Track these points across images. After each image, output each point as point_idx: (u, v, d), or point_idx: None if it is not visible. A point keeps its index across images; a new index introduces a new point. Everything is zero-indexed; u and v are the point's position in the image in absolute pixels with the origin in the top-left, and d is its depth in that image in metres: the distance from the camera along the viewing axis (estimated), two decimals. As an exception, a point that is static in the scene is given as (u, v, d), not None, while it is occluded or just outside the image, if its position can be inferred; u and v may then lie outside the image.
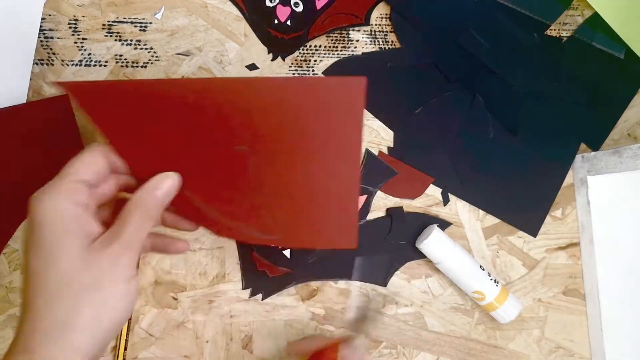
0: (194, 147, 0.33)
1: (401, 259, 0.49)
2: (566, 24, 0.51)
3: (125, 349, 0.46)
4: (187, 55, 0.48)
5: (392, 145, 0.49)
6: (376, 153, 0.49)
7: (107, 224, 0.31)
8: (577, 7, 0.51)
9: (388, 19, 0.50)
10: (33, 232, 0.29)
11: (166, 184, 0.33)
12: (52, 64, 0.47)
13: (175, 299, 0.47)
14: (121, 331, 0.46)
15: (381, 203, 0.49)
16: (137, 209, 0.31)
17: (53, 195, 0.29)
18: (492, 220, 0.50)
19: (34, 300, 0.28)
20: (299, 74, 0.49)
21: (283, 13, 0.49)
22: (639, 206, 0.48)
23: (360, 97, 0.30)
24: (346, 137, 0.32)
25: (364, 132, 0.49)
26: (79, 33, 0.47)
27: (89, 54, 0.47)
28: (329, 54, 0.49)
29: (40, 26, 0.46)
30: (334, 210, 0.34)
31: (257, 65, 0.49)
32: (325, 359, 0.37)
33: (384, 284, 0.48)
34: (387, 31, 0.50)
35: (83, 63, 0.47)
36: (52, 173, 0.45)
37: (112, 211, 0.35)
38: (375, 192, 0.49)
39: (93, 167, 0.32)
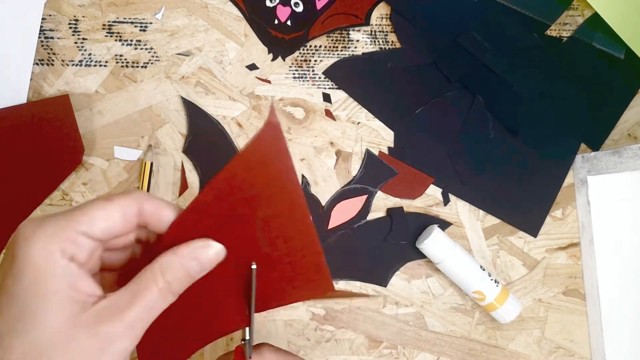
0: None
1: (401, 259, 0.49)
2: (566, 24, 0.51)
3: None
4: (187, 56, 0.48)
5: (392, 145, 0.49)
6: (376, 153, 0.49)
7: (111, 287, 0.25)
8: (577, 7, 0.51)
9: (388, 19, 0.50)
10: (7, 280, 0.22)
11: (207, 255, 0.25)
12: (52, 64, 0.47)
13: (175, 299, 0.47)
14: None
15: (381, 203, 0.49)
16: (160, 279, 0.23)
17: (45, 244, 0.22)
18: (492, 220, 0.50)
19: None
20: (299, 74, 0.49)
21: (283, 13, 0.49)
22: (639, 206, 0.48)
23: (280, 142, 0.25)
24: (285, 189, 0.27)
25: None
26: (79, 33, 0.47)
27: (89, 54, 0.47)
28: (329, 54, 0.49)
29: (41, 26, 0.46)
30: (302, 267, 0.29)
31: (257, 65, 0.49)
32: None
33: (384, 284, 0.48)
34: (387, 31, 0.50)
35: (83, 63, 0.47)
36: (53, 173, 0.45)
37: (121, 269, 0.27)
38: (376, 192, 0.49)
39: (114, 225, 0.24)
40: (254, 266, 0.27)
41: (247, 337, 0.30)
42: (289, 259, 0.29)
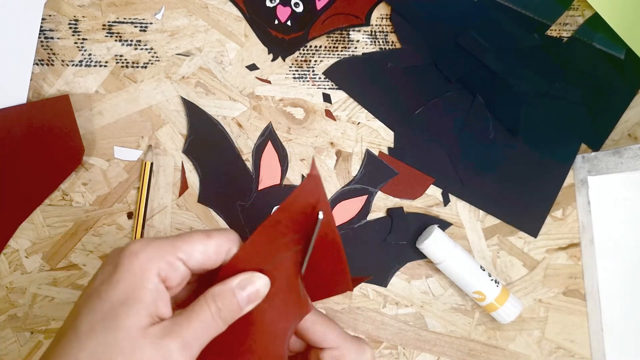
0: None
1: (401, 259, 0.49)
2: (566, 24, 0.51)
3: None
4: (187, 56, 0.48)
5: (392, 145, 0.49)
6: (376, 153, 0.49)
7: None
8: (577, 8, 0.51)
9: (388, 20, 0.50)
10: (104, 285, 0.25)
11: (255, 286, 0.27)
12: (52, 64, 0.47)
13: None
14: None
15: (381, 203, 0.49)
16: (212, 304, 0.26)
17: (148, 261, 0.25)
18: (492, 220, 0.50)
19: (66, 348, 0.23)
20: (299, 74, 0.49)
21: (283, 13, 0.49)
22: (639, 206, 0.48)
23: (320, 191, 0.27)
24: (327, 237, 0.30)
25: (363, 139, 0.49)
26: (79, 33, 0.47)
27: (89, 54, 0.47)
28: (329, 54, 0.49)
29: (41, 26, 0.46)
30: (327, 281, 0.33)
31: (258, 65, 0.49)
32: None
33: (384, 284, 0.48)
34: (387, 31, 0.50)
35: (83, 63, 0.47)
36: (53, 173, 0.45)
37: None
38: (376, 193, 0.49)
39: (207, 256, 0.27)
40: (320, 216, 0.28)
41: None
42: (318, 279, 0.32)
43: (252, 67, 0.49)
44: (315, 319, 0.31)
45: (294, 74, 0.49)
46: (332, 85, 0.49)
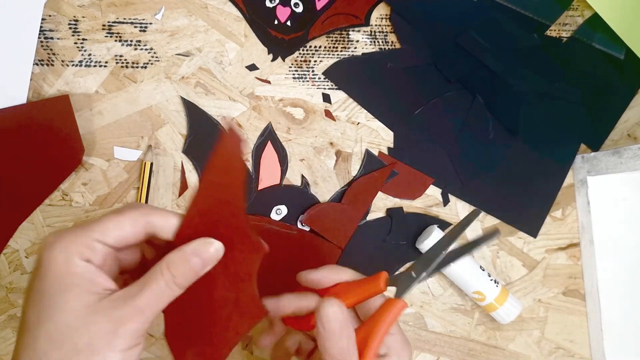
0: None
1: (401, 260, 0.49)
2: (566, 24, 0.51)
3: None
4: (187, 56, 0.48)
5: (392, 145, 0.49)
6: (376, 153, 0.49)
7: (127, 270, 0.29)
8: (577, 8, 0.51)
9: (388, 20, 0.50)
10: (35, 281, 0.26)
11: (208, 252, 0.28)
12: (52, 65, 0.47)
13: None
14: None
15: (381, 203, 0.49)
16: (166, 272, 0.27)
17: (65, 249, 0.26)
18: (492, 220, 0.50)
19: (22, 356, 0.25)
20: (299, 74, 0.49)
21: (283, 13, 0.49)
22: (639, 206, 0.48)
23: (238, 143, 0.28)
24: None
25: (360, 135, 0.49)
26: (79, 33, 0.47)
27: (89, 54, 0.47)
28: (329, 54, 0.49)
29: (41, 27, 0.47)
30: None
31: (257, 65, 0.49)
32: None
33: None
34: (387, 32, 0.50)
35: (83, 63, 0.47)
36: (53, 173, 0.45)
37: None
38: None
39: (125, 234, 0.28)
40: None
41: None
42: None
43: (252, 67, 0.49)
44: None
45: (293, 74, 0.49)
46: (332, 85, 0.49)
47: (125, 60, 0.48)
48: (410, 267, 0.34)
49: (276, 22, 0.49)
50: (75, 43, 0.47)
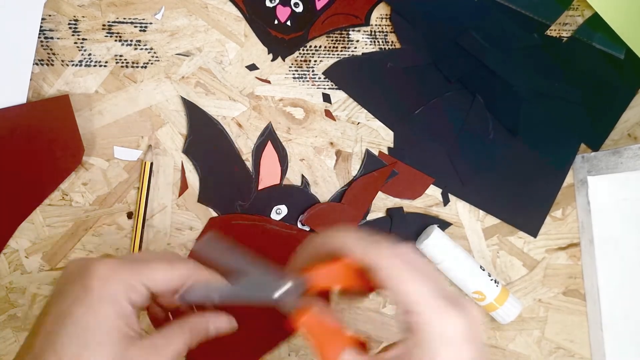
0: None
1: (401, 259, 0.49)
2: (566, 24, 0.51)
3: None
4: (187, 56, 0.48)
5: (392, 145, 0.49)
6: (376, 153, 0.49)
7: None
8: (577, 7, 0.51)
9: (388, 20, 0.50)
10: (81, 309, 0.27)
11: (223, 323, 0.32)
12: (52, 64, 0.47)
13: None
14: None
15: (381, 203, 0.49)
16: (185, 327, 0.30)
17: (116, 284, 0.27)
18: (492, 220, 0.50)
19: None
20: (299, 74, 0.49)
21: (283, 13, 0.49)
22: (639, 206, 0.48)
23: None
24: None
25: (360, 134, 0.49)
26: (79, 33, 0.47)
27: (89, 54, 0.47)
28: (329, 54, 0.49)
29: (40, 26, 0.46)
30: None
31: (257, 65, 0.49)
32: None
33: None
34: (387, 31, 0.50)
35: (83, 63, 0.47)
36: (53, 173, 0.45)
37: None
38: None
39: (170, 283, 0.30)
40: None
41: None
42: None
43: (252, 67, 0.49)
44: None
45: (293, 74, 0.49)
46: (332, 85, 0.49)
47: (125, 60, 0.48)
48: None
49: (276, 22, 0.49)
50: (75, 43, 0.47)
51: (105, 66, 0.47)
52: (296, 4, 0.49)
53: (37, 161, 0.45)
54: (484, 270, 0.46)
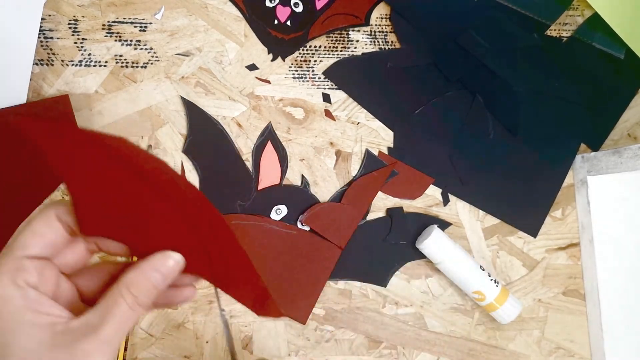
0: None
1: (401, 259, 0.49)
2: (566, 24, 0.51)
3: (126, 349, 0.46)
4: (187, 56, 0.48)
5: (392, 145, 0.49)
6: (376, 153, 0.49)
7: (88, 298, 0.26)
8: (577, 7, 0.51)
9: (388, 19, 0.50)
10: None
11: (168, 265, 0.25)
12: (52, 64, 0.47)
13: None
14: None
15: (381, 203, 0.49)
16: (127, 294, 0.24)
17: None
18: (492, 220, 0.50)
19: None
20: (299, 74, 0.49)
21: (283, 13, 0.49)
22: (639, 206, 0.48)
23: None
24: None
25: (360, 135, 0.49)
26: (79, 33, 0.47)
27: (89, 54, 0.47)
28: (329, 54, 0.49)
29: (40, 26, 0.46)
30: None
31: (257, 65, 0.49)
32: None
33: (384, 284, 0.48)
34: (387, 31, 0.50)
35: (83, 63, 0.47)
36: (53, 173, 0.45)
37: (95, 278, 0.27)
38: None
39: (45, 237, 0.25)
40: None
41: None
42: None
43: (252, 67, 0.49)
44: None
45: (293, 74, 0.49)
46: (332, 85, 0.49)
47: (125, 60, 0.48)
48: None
49: (276, 22, 0.49)
50: (75, 43, 0.47)
51: (105, 66, 0.47)
52: (296, 4, 0.49)
53: (37, 161, 0.45)
54: (483, 270, 0.46)
